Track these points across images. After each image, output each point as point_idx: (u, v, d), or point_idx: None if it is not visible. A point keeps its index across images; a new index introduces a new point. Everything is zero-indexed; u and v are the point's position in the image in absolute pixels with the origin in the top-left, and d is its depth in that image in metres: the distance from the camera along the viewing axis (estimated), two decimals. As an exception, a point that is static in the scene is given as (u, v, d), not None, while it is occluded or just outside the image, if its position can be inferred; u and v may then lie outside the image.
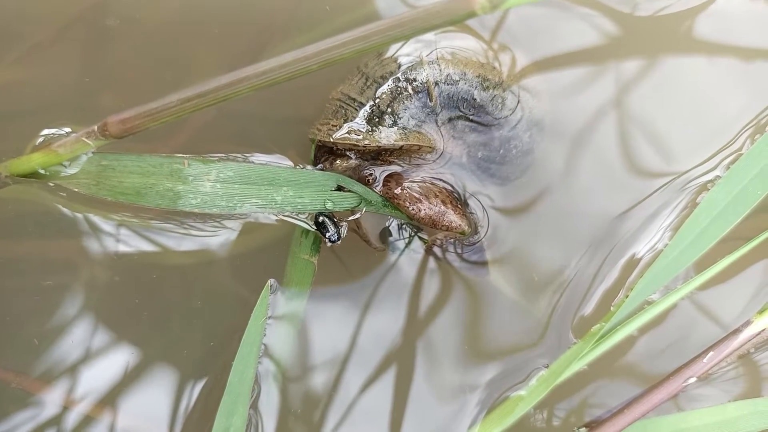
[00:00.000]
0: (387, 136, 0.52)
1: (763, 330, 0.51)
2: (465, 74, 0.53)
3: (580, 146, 0.58)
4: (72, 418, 0.52)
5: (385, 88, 0.53)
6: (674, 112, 0.59)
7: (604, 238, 0.56)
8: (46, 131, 0.54)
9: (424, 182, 0.55)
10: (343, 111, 0.53)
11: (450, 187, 0.56)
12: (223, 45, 0.59)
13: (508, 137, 0.55)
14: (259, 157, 0.56)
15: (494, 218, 0.57)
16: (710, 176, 0.57)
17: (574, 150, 0.58)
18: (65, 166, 0.51)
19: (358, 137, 0.52)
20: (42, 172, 0.51)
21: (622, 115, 0.59)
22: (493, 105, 0.54)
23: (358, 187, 0.54)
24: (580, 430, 0.52)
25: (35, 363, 0.53)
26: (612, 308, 0.54)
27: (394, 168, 0.55)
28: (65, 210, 0.55)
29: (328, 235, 0.53)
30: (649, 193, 0.57)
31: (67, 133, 0.53)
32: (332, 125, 0.53)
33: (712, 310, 0.55)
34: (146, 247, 0.55)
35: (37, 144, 0.53)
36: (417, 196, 0.53)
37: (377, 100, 0.53)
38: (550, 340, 0.55)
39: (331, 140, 0.52)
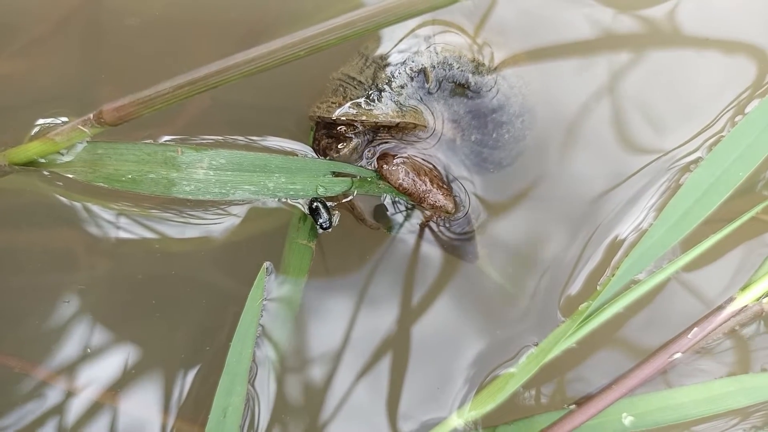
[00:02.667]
0: (384, 113, 0.53)
1: (746, 306, 0.52)
2: (460, 59, 0.55)
3: (566, 131, 0.59)
4: (75, 403, 0.54)
5: (385, 68, 0.54)
6: (658, 94, 0.60)
7: (588, 219, 0.57)
8: (42, 120, 0.55)
9: (414, 161, 0.56)
10: (343, 89, 0.54)
11: (437, 169, 0.57)
12: (219, 36, 0.60)
13: (501, 122, 0.56)
14: (257, 140, 0.57)
15: (478, 202, 0.58)
16: (693, 157, 0.57)
17: (560, 135, 0.59)
18: (62, 155, 0.52)
19: (357, 112, 0.53)
20: (40, 160, 0.52)
21: (608, 98, 0.59)
22: (486, 89, 0.55)
23: (352, 168, 0.55)
24: (570, 406, 0.53)
25: (39, 350, 0.54)
26: (598, 287, 0.55)
27: (387, 147, 0.56)
28: (64, 200, 0.56)
29: (320, 221, 0.55)
30: (631, 173, 0.58)
31: (64, 123, 0.54)
32: (332, 102, 0.54)
33: (697, 289, 0.56)
34: (146, 234, 0.56)
35: (33, 133, 0.54)
36: (407, 170, 0.54)
37: (376, 80, 0.54)
38: (538, 319, 0.56)
39: (332, 117, 0.53)
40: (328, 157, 0.55)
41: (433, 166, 0.56)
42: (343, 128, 0.54)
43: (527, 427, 0.53)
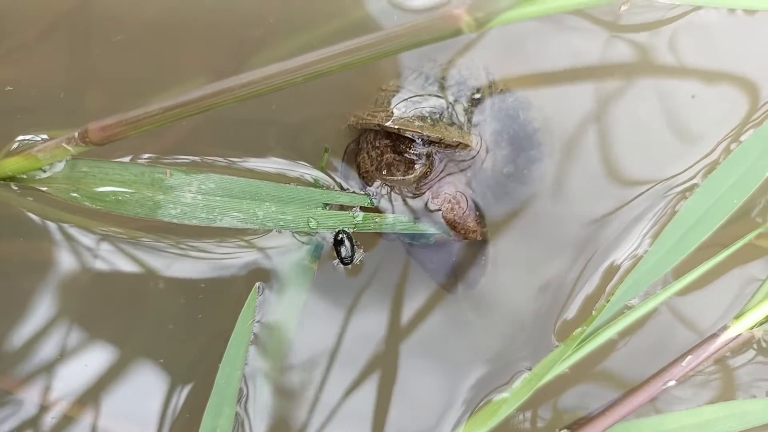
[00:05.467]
0: (449, 131, 0.53)
1: (740, 335, 0.52)
2: (514, 94, 0.57)
3: (567, 154, 0.59)
4: (54, 420, 0.52)
5: (448, 89, 0.55)
6: (656, 123, 0.60)
7: (586, 243, 0.57)
8: (21, 137, 0.53)
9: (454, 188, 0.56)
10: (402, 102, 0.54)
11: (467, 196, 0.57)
12: (211, 44, 0.59)
13: (535, 159, 0.57)
14: (250, 161, 0.56)
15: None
16: (688, 185, 0.57)
17: (561, 158, 0.59)
18: (44, 171, 0.50)
19: (422, 125, 0.52)
20: (21, 176, 0.50)
21: (606, 124, 0.59)
22: (531, 126, 0.56)
23: (346, 198, 0.53)
24: (563, 431, 0.53)
25: (15, 363, 0.53)
26: (594, 312, 0.54)
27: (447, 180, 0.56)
28: (43, 213, 0.54)
29: (343, 255, 0.53)
30: (629, 200, 0.57)
31: (43, 140, 0.53)
32: (391, 112, 0.53)
33: (691, 315, 0.56)
34: (130, 251, 0.54)
35: (13, 149, 0.53)
36: (453, 203, 0.55)
37: (441, 96, 0.54)
38: (533, 344, 0.55)
39: (395, 127, 0.51)
40: (386, 177, 0.54)
41: (465, 183, 0.56)
42: (409, 146, 0.53)
43: (519, 451, 0.53)
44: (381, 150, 0.54)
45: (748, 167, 0.53)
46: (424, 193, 0.55)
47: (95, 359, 0.54)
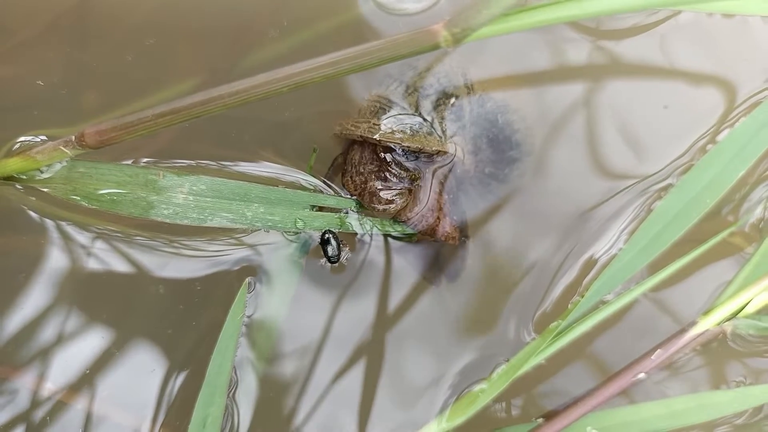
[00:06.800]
0: (429, 141, 0.54)
1: (707, 330, 0.54)
2: (492, 98, 0.58)
3: (551, 148, 0.60)
4: (50, 407, 0.54)
5: (427, 97, 0.56)
6: (636, 122, 0.61)
7: (568, 235, 0.59)
8: (22, 138, 0.54)
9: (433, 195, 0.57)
10: (383, 112, 0.55)
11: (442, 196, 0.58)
12: (206, 42, 0.60)
13: (515, 159, 0.59)
14: (241, 164, 0.57)
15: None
16: (664, 184, 0.59)
17: (544, 151, 0.60)
18: (42, 172, 0.52)
19: (402, 137, 0.54)
20: (21, 176, 0.52)
21: (589, 120, 0.61)
22: (510, 129, 0.58)
23: (332, 201, 0.55)
24: (538, 420, 0.55)
25: (11, 351, 0.55)
26: (570, 306, 0.56)
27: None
28: (41, 210, 0.56)
29: (329, 254, 0.55)
30: (608, 197, 0.59)
31: (43, 141, 0.54)
32: (373, 124, 0.54)
33: (666, 310, 0.58)
34: (125, 248, 0.56)
35: (13, 149, 0.54)
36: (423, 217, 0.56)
37: (419, 107, 0.56)
38: (511, 335, 0.58)
39: (376, 138, 0.53)
40: (368, 205, 0.55)
41: (440, 191, 0.58)
42: (393, 169, 0.55)
43: (496, 439, 0.55)
44: (365, 177, 0.55)
45: (721, 168, 0.54)
46: (406, 221, 0.57)
47: (90, 348, 0.55)
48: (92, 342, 0.56)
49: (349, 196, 0.57)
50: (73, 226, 0.56)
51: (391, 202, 0.55)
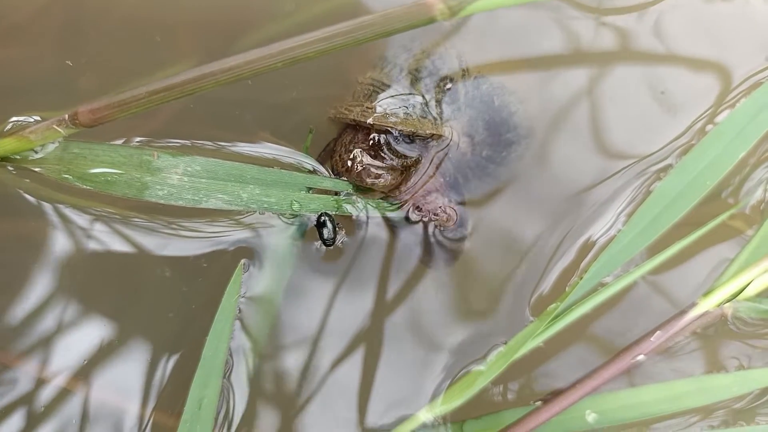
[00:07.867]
0: (422, 124, 0.54)
1: (707, 312, 0.54)
2: (488, 80, 0.57)
3: (549, 130, 0.60)
4: (47, 392, 0.54)
5: (421, 80, 0.56)
6: (633, 103, 0.61)
7: (561, 220, 0.58)
8: (14, 118, 0.54)
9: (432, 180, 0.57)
10: (377, 95, 0.55)
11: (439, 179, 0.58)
12: (200, 26, 0.60)
13: (512, 141, 0.58)
14: (238, 144, 0.56)
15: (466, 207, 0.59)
16: (662, 165, 0.59)
17: (542, 133, 0.60)
18: (36, 152, 0.51)
19: (395, 120, 0.53)
20: (15, 156, 0.52)
21: (589, 101, 0.60)
22: (507, 110, 0.57)
23: (329, 183, 0.54)
24: (536, 403, 0.55)
25: (10, 338, 0.54)
26: (567, 288, 0.56)
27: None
28: (37, 192, 0.55)
29: (325, 237, 0.55)
30: (605, 177, 0.59)
31: (36, 121, 0.54)
32: (366, 107, 0.54)
33: (666, 291, 0.58)
34: (122, 230, 0.56)
35: (6, 129, 0.54)
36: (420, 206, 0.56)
37: (414, 91, 0.55)
38: (509, 318, 0.57)
39: (369, 122, 0.53)
40: (358, 180, 0.55)
41: (433, 173, 0.57)
42: (384, 149, 0.54)
43: (494, 422, 0.55)
44: (353, 154, 0.55)
45: (721, 149, 0.54)
46: (403, 201, 0.56)
47: (88, 334, 0.55)
48: (89, 327, 0.55)
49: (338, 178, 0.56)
50: (71, 209, 0.55)
51: (379, 176, 0.54)
